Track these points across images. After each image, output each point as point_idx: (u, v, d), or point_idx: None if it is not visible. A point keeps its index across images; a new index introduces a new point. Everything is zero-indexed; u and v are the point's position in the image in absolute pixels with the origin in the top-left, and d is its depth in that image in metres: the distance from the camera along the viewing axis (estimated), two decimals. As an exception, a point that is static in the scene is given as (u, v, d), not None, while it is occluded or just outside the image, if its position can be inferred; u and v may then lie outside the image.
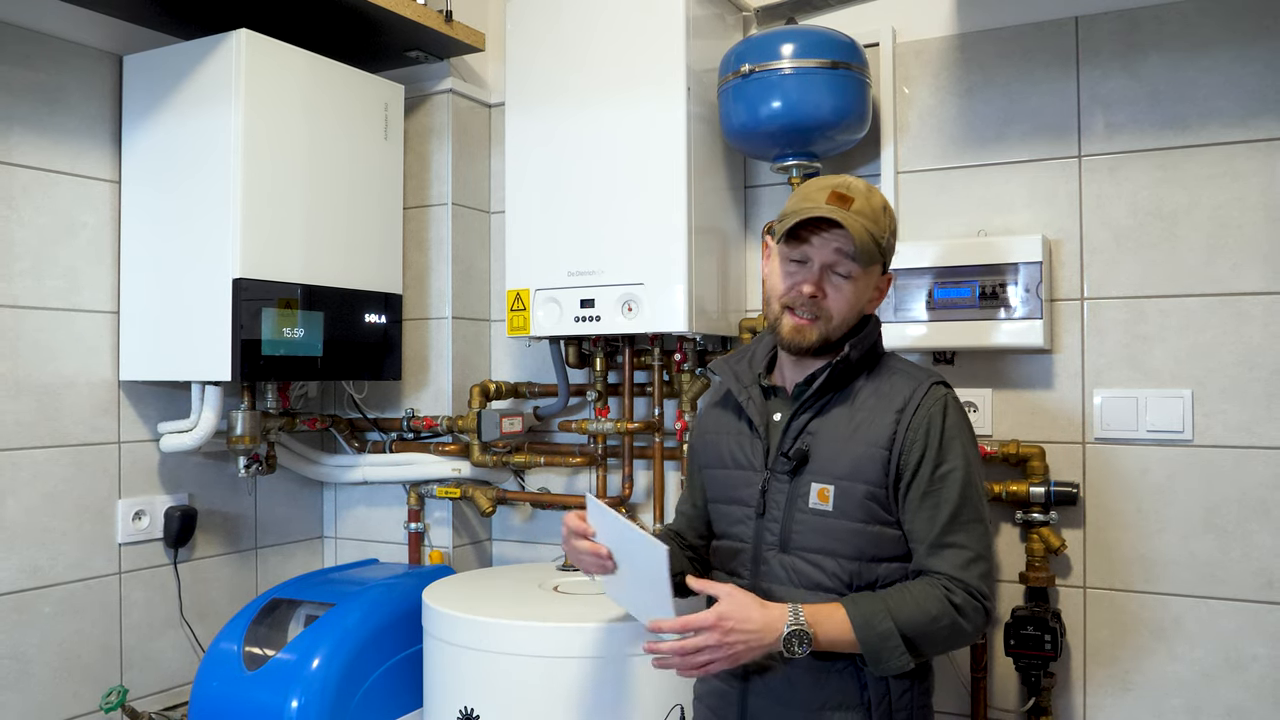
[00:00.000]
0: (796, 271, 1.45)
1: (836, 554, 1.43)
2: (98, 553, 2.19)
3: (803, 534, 1.44)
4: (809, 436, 1.46)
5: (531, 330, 2.27)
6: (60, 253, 2.14)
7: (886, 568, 1.44)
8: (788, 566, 1.45)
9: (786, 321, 1.46)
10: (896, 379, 1.48)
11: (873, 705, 1.42)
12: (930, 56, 2.20)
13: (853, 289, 1.45)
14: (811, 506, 1.43)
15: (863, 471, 1.42)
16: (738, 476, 1.53)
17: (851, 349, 1.46)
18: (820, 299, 1.43)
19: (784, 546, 1.46)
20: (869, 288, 1.49)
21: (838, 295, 1.44)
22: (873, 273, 1.48)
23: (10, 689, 2.03)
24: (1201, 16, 1.96)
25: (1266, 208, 1.91)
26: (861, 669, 1.42)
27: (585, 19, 2.22)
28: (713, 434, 1.60)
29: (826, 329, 1.45)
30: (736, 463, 1.53)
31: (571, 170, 2.23)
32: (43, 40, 2.10)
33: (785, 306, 1.46)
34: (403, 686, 2.12)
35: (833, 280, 1.44)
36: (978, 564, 1.40)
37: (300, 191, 2.22)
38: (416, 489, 2.59)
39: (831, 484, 1.43)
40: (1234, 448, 1.94)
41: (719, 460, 1.57)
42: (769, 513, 1.47)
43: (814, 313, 1.44)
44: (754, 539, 1.49)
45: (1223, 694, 1.94)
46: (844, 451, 1.43)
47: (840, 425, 1.45)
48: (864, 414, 1.45)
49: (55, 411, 2.12)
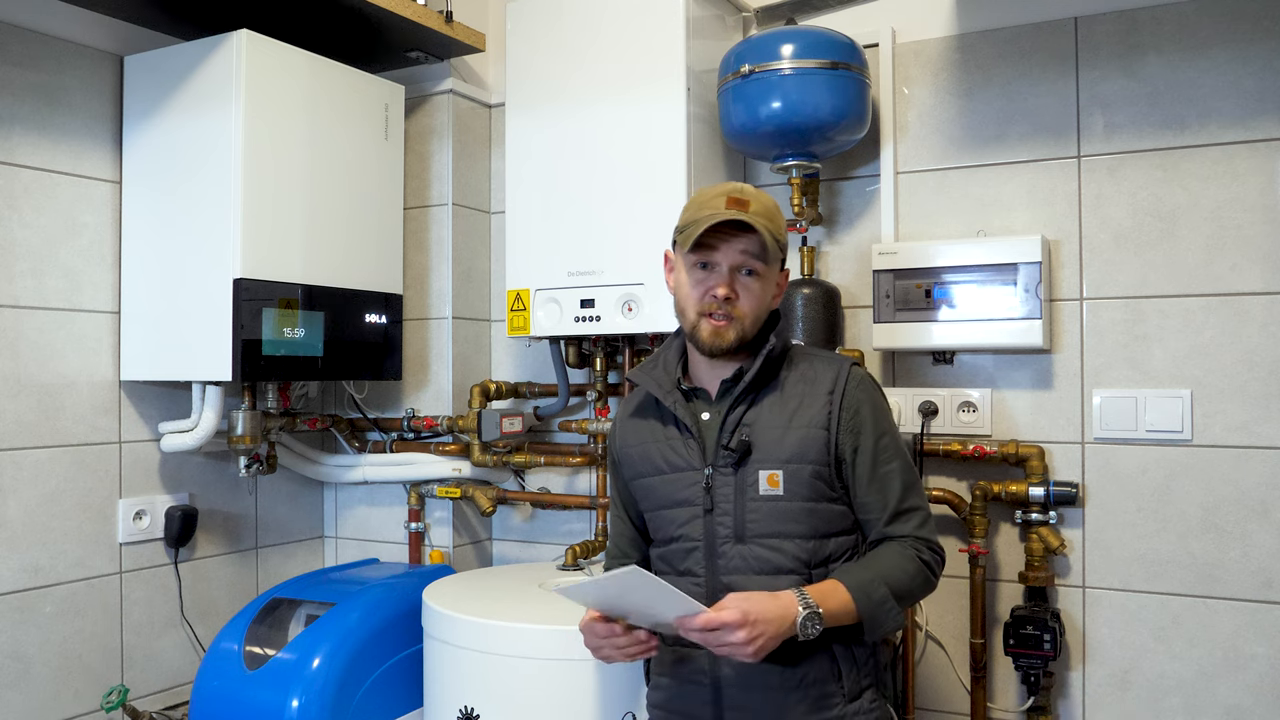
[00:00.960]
0: (706, 278, 1.50)
1: (793, 535, 1.48)
2: (99, 552, 2.20)
3: (758, 521, 1.48)
4: (746, 428, 1.51)
5: (532, 330, 2.28)
6: (61, 253, 2.14)
7: (835, 542, 1.51)
8: (746, 556, 1.48)
9: (704, 326, 1.51)
10: (818, 364, 1.55)
11: (843, 674, 1.48)
12: (930, 57, 2.20)
13: (761, 287, 1.51)
14: (763, 494, 1.48)
15: (807, 453, 1.48)
16: (676, 479, 1.55)
17: (776, 339, 1.54)
18: (734, 300, 1.49)
19: (740, 537, 1.49)
20: (773, 284, 1.55)
21: (748, 295, 1.50)
22: (774, 270, 1.54)
23: (11, 688, 2.03)
24: (1200, 17, 1.97)
25: (1265, 208, 1.92)
26: (830, 643, 1.46)
27: (586, 20, 2.22)
28: (636, 445, 1.62)
29: (742, 328, 1.50)
30: (673, 466, 1.55)
31: (571, 170, 2.23)
32: (44, 41, 2.11)
33: (700, 313, 1.51)
34: (403, 686, 2.12)
35: (741, 281, 1.50)
36: (929, 521, 1.53)
37: (301, 192, 2.22)
38: (417, 489, 2.59)
39: (779, 468, 1.48)
40: (1233, 448, 1.94)
41: (651, 468, 1.59)
42: (718, 507, 1.50)
43: (728, 314, 1.49)
44: (705, 535, 1.51)
45: (1221, 693, 1.94)
46: (785, 437, 1.49)
47: (775, 413, 1.51)
48: (795, 401, 1.52)
49: (56, 411, 2.12)
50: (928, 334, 2.07)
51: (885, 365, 2.22)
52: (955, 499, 2.11)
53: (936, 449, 2.11)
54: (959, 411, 2.14)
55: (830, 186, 2.30)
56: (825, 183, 2.30)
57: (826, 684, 1.47)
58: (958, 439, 2.13)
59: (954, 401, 2.15)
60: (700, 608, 1.36)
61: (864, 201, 2.27)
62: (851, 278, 2.26)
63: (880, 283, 2.10)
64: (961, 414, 2.14)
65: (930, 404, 2.15)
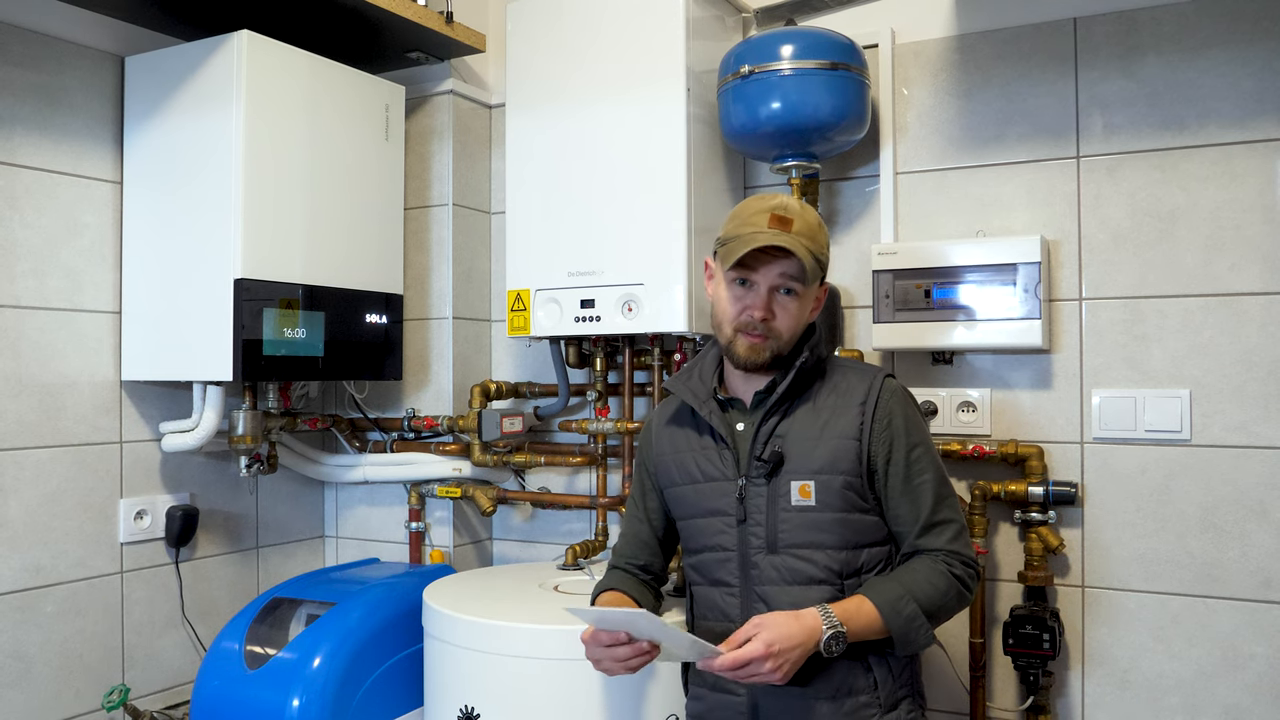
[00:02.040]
0: (744, 295, 1.51)
1: (824, 546, 1.49)
2: (100, 552, 2.20)
3: (790, 532, 1.49)
4: (779, 439, 1.52)
5: (532, 330, 2.28)
6: (62, 253, 2.14)
7: (868, 553, 1.51)
8: (779, 566, 1.49)
9: (741, 342, 1.52)
10: (850, 376, 1.56)
11: (879, 685, 1.49)
12: (929, 58, 2.21)
13: (798, 306, 1.52)
14: (795, 504, 1.49)
15: (838, 463, 1.49)
16: (710, 489, 1.56)
17: (810, 352, 1.54)
18: (770, 320, 1.50)
19: (772, 548, 1.50)
20: (810, 301, 1.56)
21: (785, 314, 1.51)
22: (813, 288, 1.55)
23: (12, 688, 2.04)
24: (1199, 18, 1.97)
25: (1264, 208, 1.92)
26: (865, 654, 1.47)
27: (586, 20, 2.23)
28: (671, 454, 1.64)
29: (778, 345, 1.52)
30: (707, 476, 1.56)
31: (572, 171, 2.23)
32: (45, 42, 2.11)
33: (737, 329, 1.52)
34: (403, 685, 2.13)
35: (779, 300, 1.51)
36: (963, 534, 1.52)
37: (302, 192, 2.23)
38: (417, 488, 2.59)
39: (811, 479, 1.49)
40: (1232, 447, 1.95)
41: (686, 477, 1.60)
42: (751, 518, 1.51)
43: (765, 333, 1.50)
44: (739, 545, 1.52)
45: (1220, 693, 1.95)
46: (817, 448, 1.50)
47: (808, 425, 1.52)
48: (828, 412, 1.52)
49: (57, 411, 2.13)
50: (927, 334, 2.07)
51: (884, 365, 2.23)
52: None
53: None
54: (958, 411, 2.15)
55: (830, 187, 2.31)
56: (825, 183, 2.31)
57: (862, 694, 1.48)
58: (957, 439, 2.13)
59: (953, 401, 2.15)
60: (715, 650, 1.37)
61: (863, 202, 2.27)
62: (851, 278, 2.27)
63: (880, 283, 2.11)
64: (961, 414, 2.15)
65: (930, 404, 2.15)
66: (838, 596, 1.47)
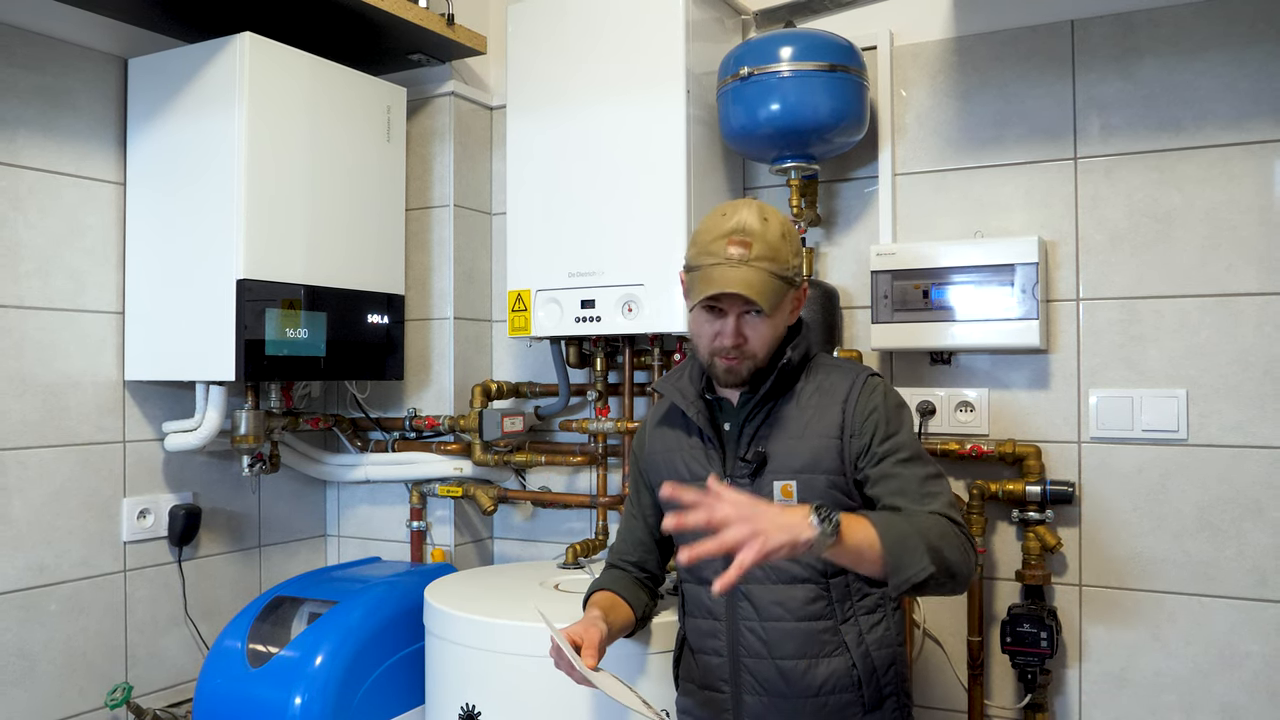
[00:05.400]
0: (714, 321, 1.50)
1: None
2: (103, 551, 2.21)
3: None
4: (762, 439, 1.53)
5: (532, 330, 2.29)
6: (66, 254, 2.15)
7: None
8: (763, 564, 1.46)
9: (718, 365, 1.52)
10: (834, 375, 1.55)
11: (863, 683, 1.48)
12: (928, 59, 2.22)
13: (769, 324, 1.50)
14: (777, 502, 1.48)
15: (821, 462, 1.49)
16: (697, 488, 1.55)
17: (793, 352, 1.53)
18: (743, 344, 1.49)
19: None
20: (786, 311, 1.53)
21: (757, 334, 1.50)
22: (787, 299, 1.52)
23: (16, 686, 2.05)
24: (1196, 20, 1.98)
25: (1260, 209, 1.93)
26: (849, 649, 1.47)
27: (586, 22, 2.24)
28: (662, 453, 1.65)
29: (754, 363, 1.51)
30: (694, 475, 1.57)
31: (572, 172, 2.24)
32: (48, 44, 2.12)
33: (712, 354, 1.52)
34: (405, 684, 2.14)
35: (749, 322, 1.49)
36: (955, 506, 1.45)
37: (303, 193, 2.24)
38: (418, 488, 2.60)
39: (792, 478, 1.49)
40: (1228, 447, 1.96)
41: (675, 476, 1.60)
42: None
43: (739, 355, 1.50)
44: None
45: (1217, 691, 1.96)
46: (799, 447, 1.50)
47: (791, 424, 1.52)
48: (811, 410, 1.52)
49: (61, 411, 2.14)
50: (925, 334, 2.08)
51: (883, 365, 2.24)
52: (953, 498, 2.12)
53: (934, 449, 2.12)
54: (956, 411, 2.16)
55: (829, 188, 2.32)
56: (824, 184, 2.32)
57: (846, 692, 1.48)
58: (955, 439, 2.14)
59: (951, 401, 2.16)
60: (649, 714, 1.40)
61: (862, 203, 2.28)
62: (850, 278, 2.28)
63: (878, 283, 2.12)
64: (959, 414, 2.16)
65: (928, 404, 2.16)
66: (823, 595, 1.48)
